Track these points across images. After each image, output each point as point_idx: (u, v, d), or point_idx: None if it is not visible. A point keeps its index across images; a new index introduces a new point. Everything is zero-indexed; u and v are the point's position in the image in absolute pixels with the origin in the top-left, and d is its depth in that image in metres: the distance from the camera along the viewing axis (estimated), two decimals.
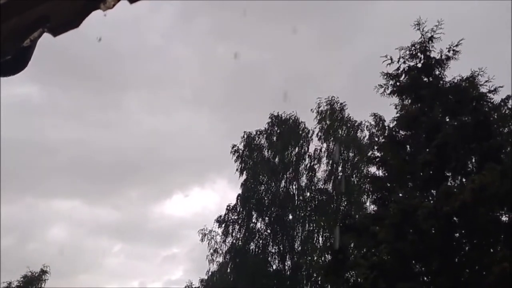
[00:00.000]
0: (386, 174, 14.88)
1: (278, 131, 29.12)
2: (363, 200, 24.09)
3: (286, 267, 26.89)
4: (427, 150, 13.63)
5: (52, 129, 40.32)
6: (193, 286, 28.53)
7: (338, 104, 27.48)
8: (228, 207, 28.36)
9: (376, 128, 24.92)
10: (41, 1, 2.29)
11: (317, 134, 28.14)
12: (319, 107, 27.44)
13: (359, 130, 27.26)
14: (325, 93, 31.56)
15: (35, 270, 25.59)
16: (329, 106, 27.37)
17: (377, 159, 15.19)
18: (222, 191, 40.95)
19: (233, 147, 28.89)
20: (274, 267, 27.07)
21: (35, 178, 38.83)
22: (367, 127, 26.47)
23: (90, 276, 41.18)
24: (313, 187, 27.83)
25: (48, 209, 39.77)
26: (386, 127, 16.36)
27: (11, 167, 34.14)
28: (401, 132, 15.00)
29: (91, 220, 41.69)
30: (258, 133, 29.18)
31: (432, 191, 13.85)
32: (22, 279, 25.54)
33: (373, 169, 15.97)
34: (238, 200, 28.33)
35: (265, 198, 28.15)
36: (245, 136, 29.13)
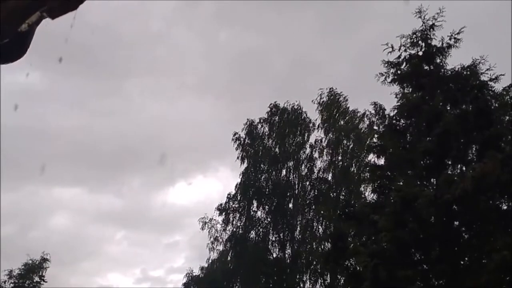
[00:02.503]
0: (386, 162, 14.87)
1: (278, 120, 29.01)
2: (363, 189, 24.11)
3: (286, 255, 26.99)
4: (428, 138, 13.61)
5: (53, 116, 40.19)
6: (194, 274, 28.66)
7: (339, 94, 27.43)
8: (229, 196, 28.38)
9: (376, 117, 24.97)
10: None
11: (318, 124, 28.12)
12: (320, 98, 27.40)
13: (360, 120, 27.18)
14: (328, 80, 31.53)
15: (36, 258, 25.67)
16: (330, 97, 27.32)
17: (377, 148, 15.18)
18: (225, 179, 41.00)
19: (234, 135, 28.76)
20: (274, 255, 27.16)
21: (36, 166, 38.84)
22: (367, 116, 26.44)
23: (92, 264, 41.42)
24: (313, 176, 27.83)
25: (50, 197, 39.87)
26: (387, 116, 16.32)
27: (12, 155, 34.20)
28: (401, 120, 14.95)
29: (93, 208, 41.77)
30: (262, 121, 29.00)
31: (432, 179, 13.86)
32: (23, 267, 25.63)
33: (373, 158, 15.98)
34: (239, 189, 28.32)
35: (266, 187, 28.14)
36: (248, 124, 28.96)
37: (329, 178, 27.40)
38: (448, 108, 14.65)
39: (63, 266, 32.48)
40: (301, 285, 25.77)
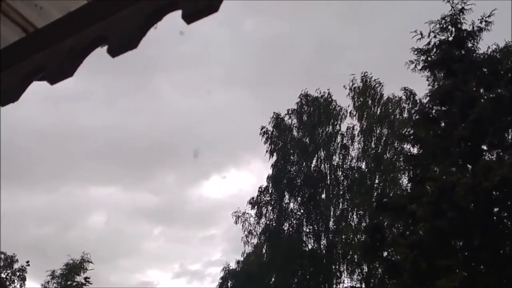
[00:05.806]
0: (421, 151, 14.71)
1: (309, 110, 28.85)
2: (398, 177, 23.78)
3: (322, 246, 26.96)
4: (463, 125, 13.41)
5: (84, 116, 40.65)
6: (230, 268, 28.93)
7: (372, 80, 27.04)
8: (260, 189, 28.45)
9: (408, 103, 24.71)
10: (97, 19, 2.31)
11: (350, 111, 27.85)
12: (352, 84, 27.05)
13: (395, 107, 26.69)
14: (355, 66, 31.11)
15: (76, 258, 26.31)
16: (363, 83, 26.96)
17: (411, 137, 15.03)
18: (258, 172, 40.76)
19: (262, 129, 28.79)
20: (310, 246, 27.15)
21: (70, 166, 39.48)
22: (398, 102, 26.08)
23: (131, 260, 42.08)
24: (345, 166, 27.65)
25: (86, 197, 40.48)
26: (418, 101, 16.13)
27: (46, 156, 34.94)
28: (434, 107, 14.76)
29: (129, 205, 42.28)
30: (289, 112, 28.95)
31: (468, 166, 13.66)
32: (64, 267, 26.30)
33: (407, 147, 15.84)
34: (269, 182, 28.37)
35: (297, 179, 28.10)
36: (274, 117, 28.97)
37: (363, 166, 27.18)
38: (482, 92, 14.40)
39: (103, 263, 33.08)
40: (338, 276, 25.76)
